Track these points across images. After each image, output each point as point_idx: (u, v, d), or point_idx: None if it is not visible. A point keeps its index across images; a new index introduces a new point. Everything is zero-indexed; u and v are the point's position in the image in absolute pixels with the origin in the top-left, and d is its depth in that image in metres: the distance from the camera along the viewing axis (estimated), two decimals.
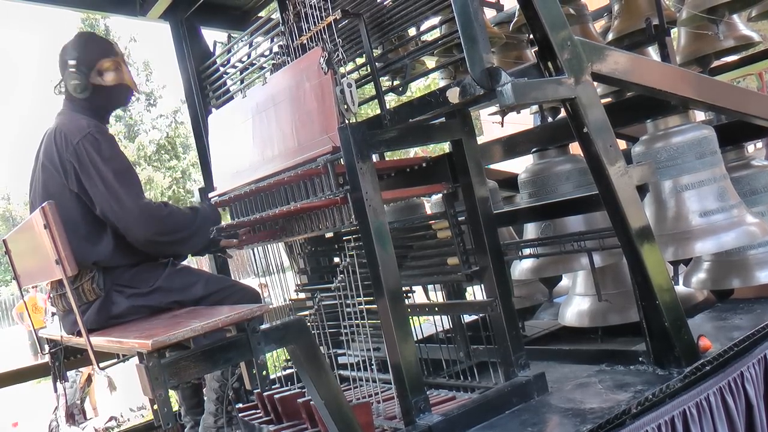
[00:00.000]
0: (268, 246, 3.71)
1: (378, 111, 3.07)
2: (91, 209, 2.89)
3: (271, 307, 3.70)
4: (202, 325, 2.23)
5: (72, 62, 3.01)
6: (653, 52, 4.41)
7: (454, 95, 2.63)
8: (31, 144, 3.15)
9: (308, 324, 3.00)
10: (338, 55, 2.80)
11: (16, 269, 3.14)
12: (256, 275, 3.81)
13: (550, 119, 4.67)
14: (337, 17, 2.93)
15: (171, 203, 3.15)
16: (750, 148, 4.26)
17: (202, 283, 3.00)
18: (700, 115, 4.33)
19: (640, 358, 3.03)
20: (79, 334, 2.83)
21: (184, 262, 3.22)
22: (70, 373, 7.85)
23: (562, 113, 4.57)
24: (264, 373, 2.46)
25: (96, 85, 3.06)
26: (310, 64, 2.90)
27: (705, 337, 2.98)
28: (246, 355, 2.34)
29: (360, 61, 3.50)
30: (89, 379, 9.28)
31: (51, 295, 3.14)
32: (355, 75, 3.29)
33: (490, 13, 4.85)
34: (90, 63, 3.05)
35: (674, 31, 4.31)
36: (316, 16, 3.04)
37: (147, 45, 68.21)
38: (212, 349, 2.27)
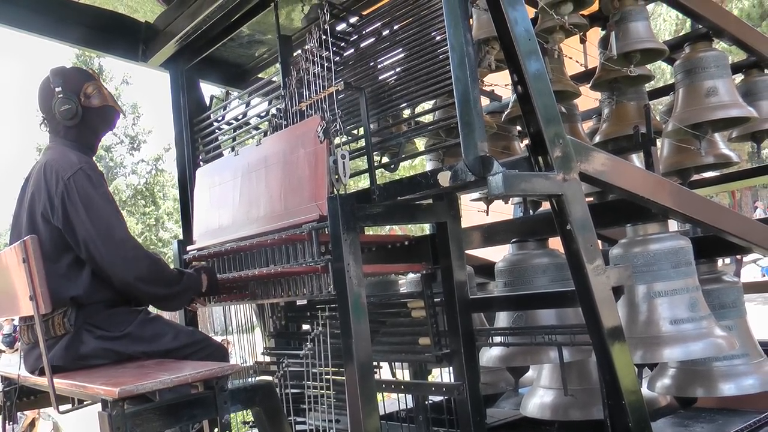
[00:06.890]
0: (239, 305, 3.70)
1: (365, 184, 3.09)
2: (72, 247, 2.87)
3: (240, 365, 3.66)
4: (171, 379, 2.21)
5: (58, 89, 3.04)
6: (636, 159, 4.51)
7: (444, 179, 2.66)
8: (12, 178, 3.14)
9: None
10: (336, 126, 2.86)
11: None
12: (215, 333, 3.78)
13: (531, 212, 4.74)
14: (339, 89, 3.00)
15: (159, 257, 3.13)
16: (719, 262, 4.33)
17: (172, 334, 2.96)
18: (672, 225, 4.42)
19: None
20: (41, 371, 2.78)
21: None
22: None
23: (544, 206, 4.65)
24: None
25: (86, 108, 3.10)
26: (307, 131, 2.95)
27: None
28: (211, 414, 2.32)
29: (354, 133, 3.55)
30: (32, 423, 8.96)
31: (18, 327, 3.09)
32: (347, 147, 3.34)
33: (484, 102, 4.95)
34: (75, 88, 3.09)
35: (658, 142, 4.42)
36: (319, 84, 3.11)
37: (137, 88, 68.49)
38: (178, 403, 2.25)
